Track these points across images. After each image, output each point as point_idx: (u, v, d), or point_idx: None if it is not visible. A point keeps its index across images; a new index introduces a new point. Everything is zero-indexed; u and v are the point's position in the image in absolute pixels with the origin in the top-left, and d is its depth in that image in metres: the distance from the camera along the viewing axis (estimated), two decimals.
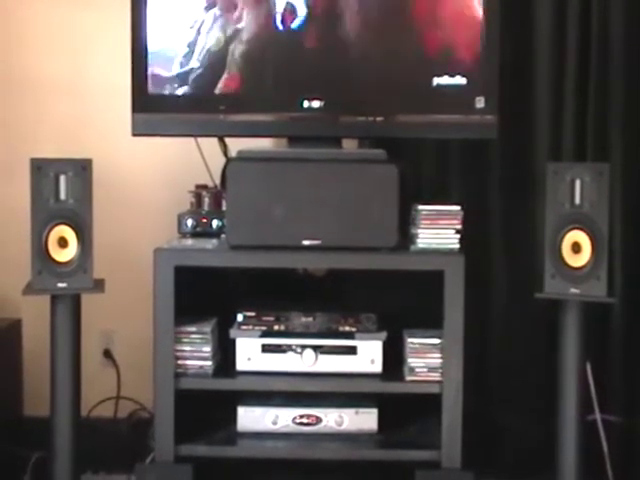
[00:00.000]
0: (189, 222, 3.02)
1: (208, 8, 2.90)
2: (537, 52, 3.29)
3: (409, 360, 2.87)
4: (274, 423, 2.93)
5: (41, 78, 3.45)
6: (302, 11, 2.88)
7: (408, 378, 2.88)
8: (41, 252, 2.70)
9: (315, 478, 2.96)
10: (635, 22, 3.22)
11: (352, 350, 2.90)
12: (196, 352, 2.88)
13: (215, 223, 3.00)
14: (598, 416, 3.03)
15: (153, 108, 2.89)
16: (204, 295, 3.00)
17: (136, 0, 2.88)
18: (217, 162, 3.16)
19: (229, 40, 2.89)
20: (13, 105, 3.47)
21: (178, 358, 2.86)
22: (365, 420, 2.94)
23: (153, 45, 2.88)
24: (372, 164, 2.84)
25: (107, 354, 3.50)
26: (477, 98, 2.87)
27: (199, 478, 2.85)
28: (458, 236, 2.86)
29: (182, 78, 2.90)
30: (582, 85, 3.25)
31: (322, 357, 2.90)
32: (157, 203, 3.41)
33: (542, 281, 2.74)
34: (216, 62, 2.89)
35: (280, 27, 2.88)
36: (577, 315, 2.73)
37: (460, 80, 2.88)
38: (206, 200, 3.06)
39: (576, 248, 2.71)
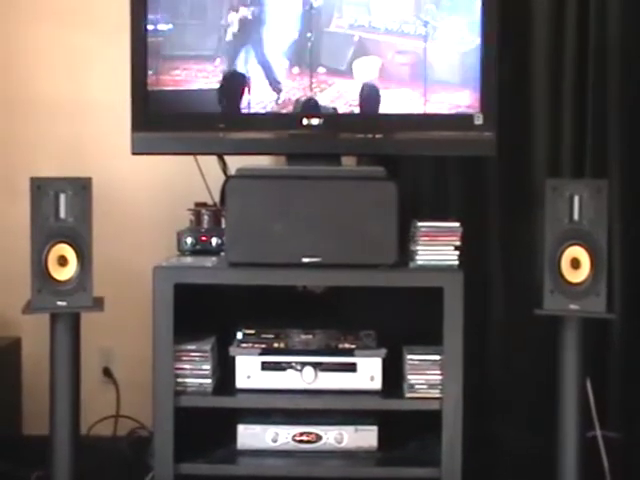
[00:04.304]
0: (188, 240, 3.02)
1: None
2: (535, 68, 3.31)
3: (409, 377, 2.87)
4: (274, 441, 2.92)
5: (41, 97, 3.46)
6: None
7: (408, 395, 2.87)
8: (41, 271, 2.70)
9: None
10: (633, 41, 3.24)
11: (352, 367, 2.90)
12: (196, 370, 2.87)
13: (214, 241, 3.01)
14: (598, 432, 3.02)
15: (153, 127, 2.89)
16: (203, 313, 3.00)
17: (136, 20, 2.89)
18: (216, 180, 3.17)
19: None
20: (13, 124, 3.47)
21: (178, 376, 2.86)
22: (365, 437, 2.94)
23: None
24: (371, 181, 2.85)
25: (106, 372, 3.49)
26: (476, 115, 2.88)
27: None
28: (457, 253, 2.86)
29: (181, 97, 2.91)
30: (580, 101, 3.26)
31: (322, 374, 2.90)
32: (156, 221, 3.42)
33: (541, 297, 2.75)
34: None
35: None
36: (576, 331, 2.73)
37: (458, 97, 2.89)
38: (205, 218, 3.06)
39: (575, 264, 2.71)
